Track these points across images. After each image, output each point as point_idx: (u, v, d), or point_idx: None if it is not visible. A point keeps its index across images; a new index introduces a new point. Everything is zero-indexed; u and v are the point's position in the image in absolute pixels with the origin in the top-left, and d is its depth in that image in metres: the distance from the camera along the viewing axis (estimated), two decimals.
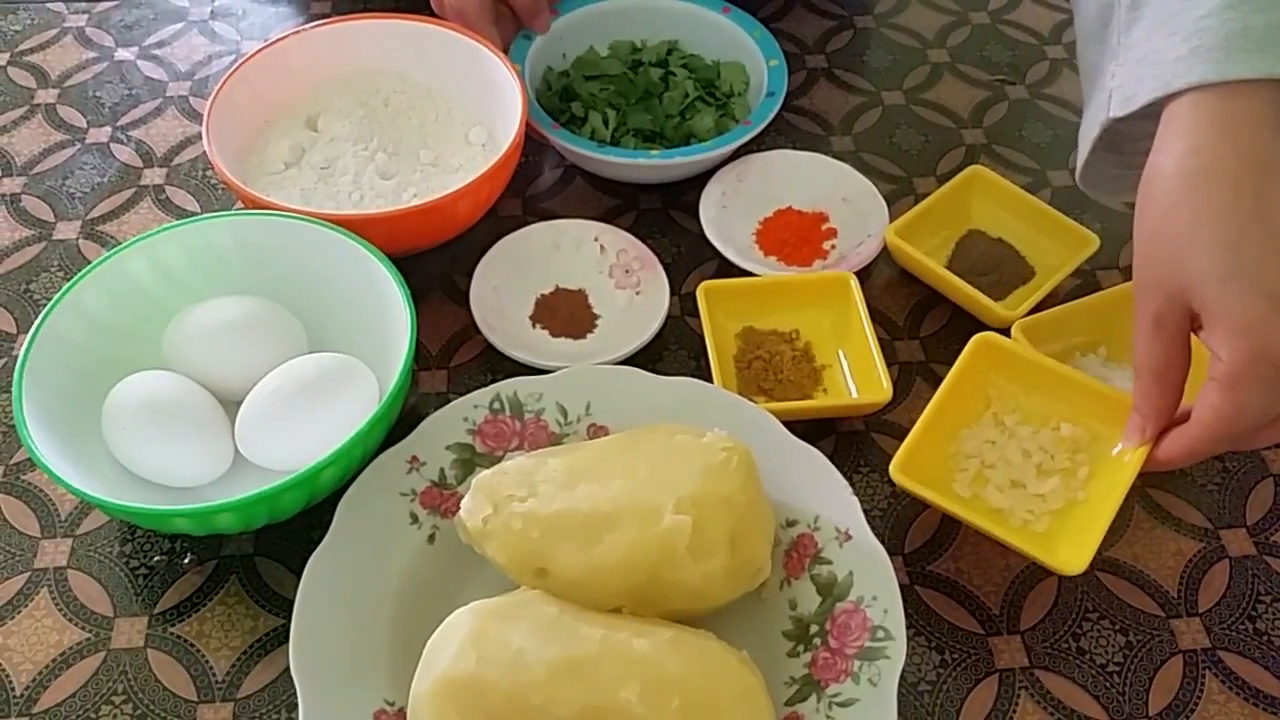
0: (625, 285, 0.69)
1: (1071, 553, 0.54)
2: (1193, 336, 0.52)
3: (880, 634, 0.51)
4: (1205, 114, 0.49)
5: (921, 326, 0.69)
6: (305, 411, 0.56)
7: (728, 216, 0.73)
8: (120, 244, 0.62)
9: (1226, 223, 0.48)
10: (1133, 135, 0.56)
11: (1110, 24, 0.56)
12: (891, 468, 0.56)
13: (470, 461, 0.58)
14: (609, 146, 0.73)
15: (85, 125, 0.80)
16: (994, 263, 0.70)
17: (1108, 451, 0.57)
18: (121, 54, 0.85)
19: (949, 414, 0.59)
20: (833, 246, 0.72)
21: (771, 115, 0.73)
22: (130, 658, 0.55)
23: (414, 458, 0.57)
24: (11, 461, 0.62)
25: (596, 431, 0.59)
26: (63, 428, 0.57)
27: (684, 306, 0.70)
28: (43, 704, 0.54)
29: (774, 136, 0.79)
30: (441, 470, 0.57)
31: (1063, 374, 0.59)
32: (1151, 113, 0.52)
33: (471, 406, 0.59)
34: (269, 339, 0.61)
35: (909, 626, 0.56)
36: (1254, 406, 0.48)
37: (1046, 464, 0.59)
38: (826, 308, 0.67)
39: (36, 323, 0.58)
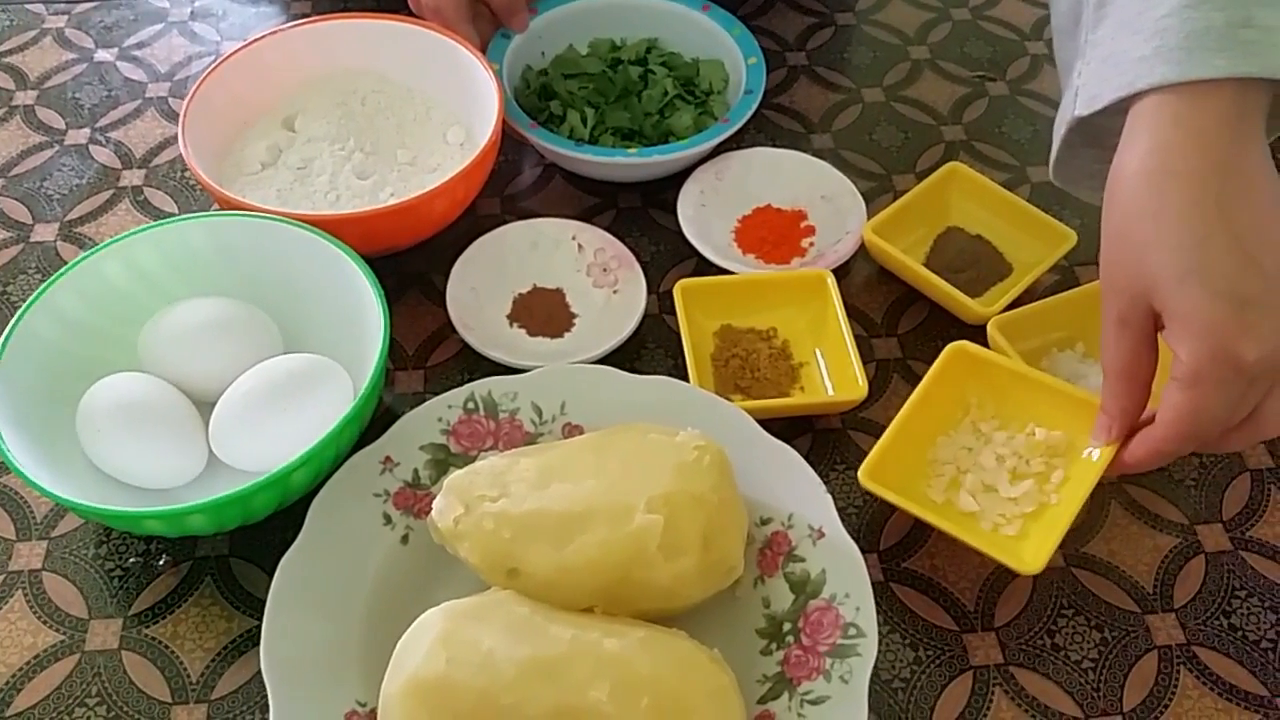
0: (603, 284, 0.69)
1: (1032, 553, 0.54)
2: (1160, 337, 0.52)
3: (852, 631, 0.51)
4: (1169, 113, 0.49)
5: (899, 324, 0.69)
6: (278, 412, 0.56)
7: (706, 215, 0.73)
8: (98, 245, 0.62)
9: (1188, 223, 0.47)
10: (1112, 129, 0.55)
11: (1080, 21, 0.56)
12: (860, 473, 0.56)
13: (444, 462, 0.58)
14: (586, 145, 0.73)
15: (64, 127, 0.80)
16: (972, 259, 0.70)
17: (1082, 455, 0.57)
18: (101, 55, 0.85)
19: (925, 420, 0.59)
20: (811, 244, 0.72)
21: (749, 113, 0.73)
22: (105, 660, 0.55)
23: (387, 458, 0.57)
24: None
25: (571, 431, 0.59)
26: (37, 430, 0.57)
27: (662, 305, 0.70)
28: (16, 706, 0.53)
29: (753, 134, 0.79)
30: (415, 471, 0.57)
31: (1036, 379, 0.59)
32: (1124, 108, 0.52)
33: (446, 406, 0.59)
34: (244, 340, 0.61)
35: (884, 624, 0.56)
36: (1215, 407, 0.48)
37: (1020, 468, 0.59)
38: (804, 306, 0.67)
39: (10, 325, 0.58)
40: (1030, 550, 0.55)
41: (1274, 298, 0.47)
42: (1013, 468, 0.59)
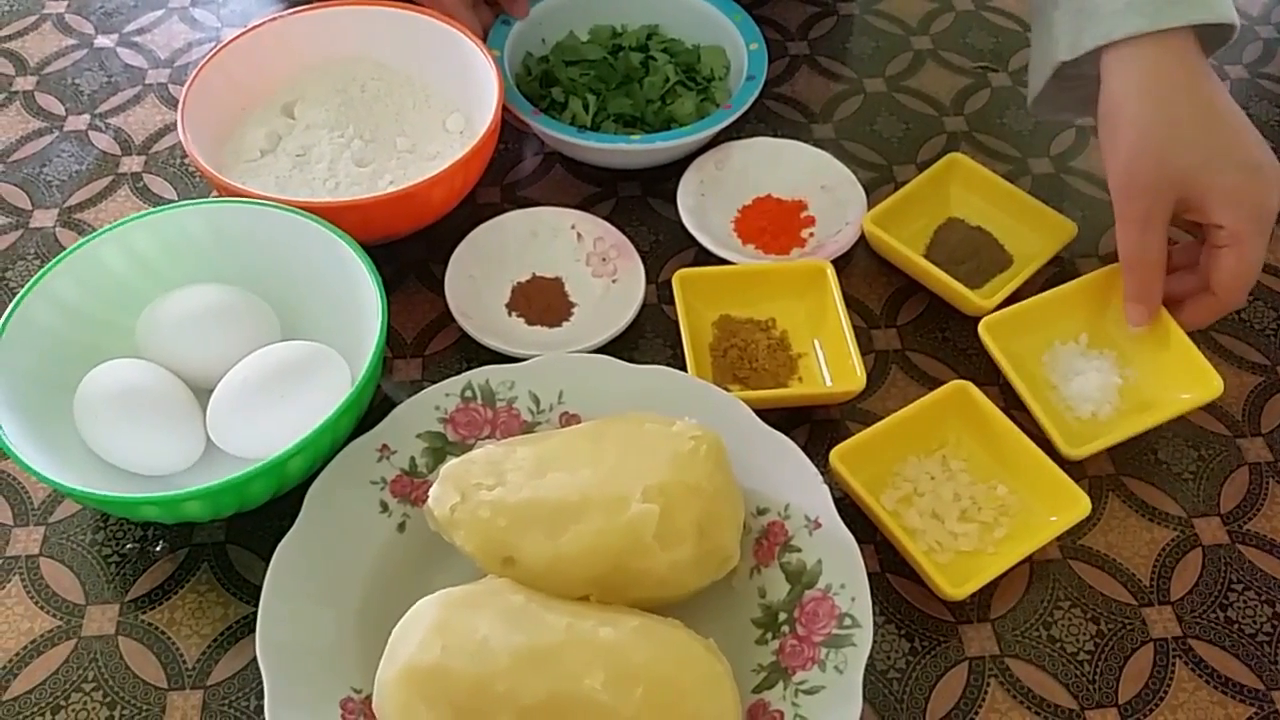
0: (602, 273, 0.69)
1: (959, 582, 0.55)
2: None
3: (847, 621, 0.51)
4: (1150, 50, 0.60)
5: (899, 315, 0.69)
6: (276, 399, 0.56)
7: (706, 205, 0.72)
8: (96, 232, 0.62)
9: (1196, 121, 0.60)
10: (1070, 70, 0.65)
11: None
12: (833, 454, 0.57)
13: (442, 450, 0.58)
14: (589, 132, 0.73)
15: (64, 113, 0.80)
16: (972, 251, 0.70)
17: (1031, 521, 0.58)
18: (101, 41, 0.85)
19: (904, 436, 0.60)
20: (811, 235, 0.72)
21: (751, 99, 0.73)
22: (101, 645, 0.55)
23: (384, 446, 0.57)
24: None
25: (568, 420, 0.59)
26: (34, 416, 0.57)
27: (661, 294, 0.69)
28: (13, 691, 0.54)
29: (755, 124, 0.79)
30: (412, 459, 0.57)
31: (1017, 441, 0.59)
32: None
33: (443, 395, 0.59)
34: (242, 327, 0.61)
35: (880, 614, 0.56)
36: (1259, 253, 0.60)
37: (970, 512, 0.59)
38: (802, 296, 0.67)
39: (7, 311, 0.58)
40: (958, 579, 0.55)
41: (1268, 159, 0.60)
42: (964, 509, 0.59)
